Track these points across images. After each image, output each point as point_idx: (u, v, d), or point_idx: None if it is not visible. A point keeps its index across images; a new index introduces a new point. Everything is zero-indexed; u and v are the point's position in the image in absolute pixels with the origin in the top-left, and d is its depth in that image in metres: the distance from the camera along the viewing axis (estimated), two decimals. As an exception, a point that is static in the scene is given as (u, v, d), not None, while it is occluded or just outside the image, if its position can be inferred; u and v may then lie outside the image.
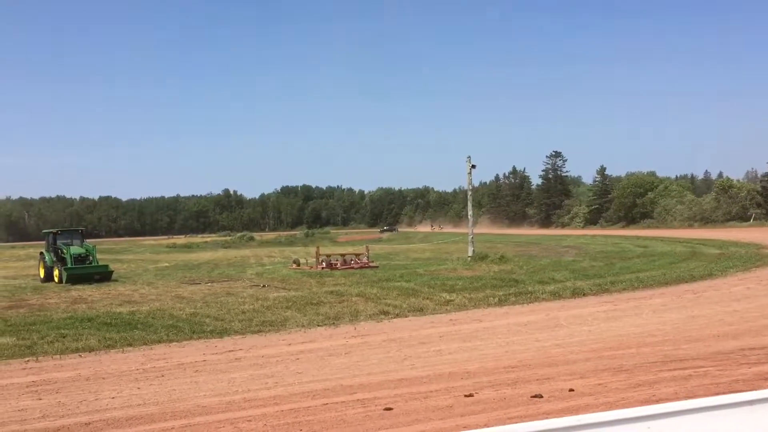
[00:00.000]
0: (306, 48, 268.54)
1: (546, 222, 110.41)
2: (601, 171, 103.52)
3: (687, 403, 2.15)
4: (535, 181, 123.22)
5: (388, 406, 7.74)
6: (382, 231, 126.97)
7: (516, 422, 2.33)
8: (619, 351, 10.65)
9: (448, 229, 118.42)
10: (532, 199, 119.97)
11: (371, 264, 31.65)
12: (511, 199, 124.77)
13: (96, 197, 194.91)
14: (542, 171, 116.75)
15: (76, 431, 7.25)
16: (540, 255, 37.36)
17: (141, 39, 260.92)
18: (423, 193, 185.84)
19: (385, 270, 28.96)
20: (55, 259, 28.63)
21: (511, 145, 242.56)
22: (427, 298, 18.45)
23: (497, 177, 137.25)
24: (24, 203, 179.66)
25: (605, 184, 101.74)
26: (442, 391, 8.35)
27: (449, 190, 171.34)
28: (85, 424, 7.49)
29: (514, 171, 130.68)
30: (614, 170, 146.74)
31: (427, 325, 14.44)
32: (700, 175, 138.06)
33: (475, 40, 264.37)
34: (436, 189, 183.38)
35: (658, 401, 7.35)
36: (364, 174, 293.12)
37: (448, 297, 18.62)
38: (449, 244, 57.62)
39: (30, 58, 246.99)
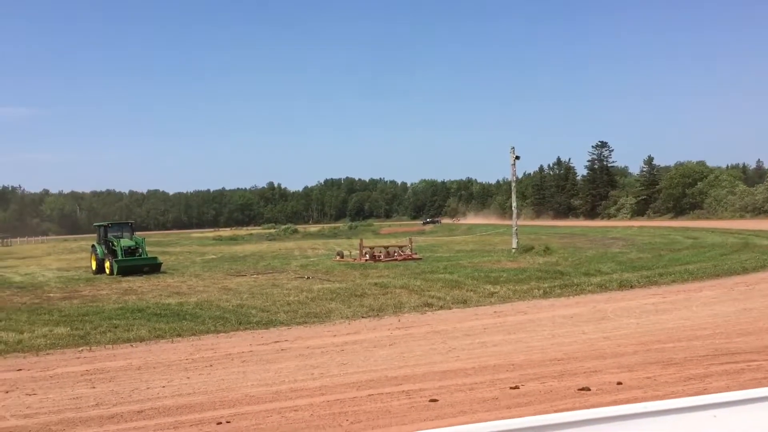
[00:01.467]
0: (347, 41, 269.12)
1: (592, 213, 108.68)
2: (649, 161, 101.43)
3: (753, 392, 2.12)
4: (581, 171, 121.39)
5: (433, 397, 7.75)
6: (425, 223, 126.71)
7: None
8: (668, 344, 10.45)
9: (493, 220, 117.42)
10: (577, 190, 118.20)
11: (414, 256, 31.65)
12: (555, 190, 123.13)
13: (144, 191, 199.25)
14: (587, 161, 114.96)
15: (129, 419, 7.44)
16: (586, 247, 36.83)
17: (183, 35, 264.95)
18: (466, 185, 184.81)
19: (428, 262, 28.94)
20: (106, 251, 29.32)
21: (555, 136, 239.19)
22: (471, 290, 18.39)
23: (541, 168, 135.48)
24: (76, 197, 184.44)
25: (653, 174, 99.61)
26: (487, 383, 8.32)
27: (492, 181, 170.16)
28: (138, 412, 7.69)
29: (559, 162, 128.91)
30: (662, 160, 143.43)
31: (471, 317, 14.41)
32: (753, 165, 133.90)
33: (519, 29, 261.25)
34: (479, 180, 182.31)
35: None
36: (407, 166, 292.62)
37: (492, 289, 18.53)
38: (493, 236, 57.22)
39: (78, 56, 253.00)
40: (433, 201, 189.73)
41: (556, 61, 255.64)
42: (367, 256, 31.06)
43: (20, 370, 10.41)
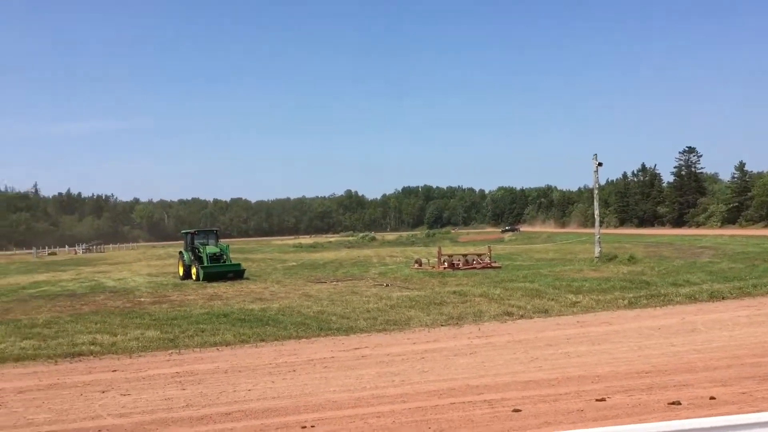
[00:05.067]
0: (431, 45, 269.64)
1: (678, 221, 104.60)
2: (740, 167, 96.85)
3: None
4: (667, 178, 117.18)
5: (516, 407, 7.65)
6: (504, 231, 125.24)
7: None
8: (764, 358, 9.97)
9: (572, 228, 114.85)
10: (663, 197, 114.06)
11: (494, 264, 31.32)
12: (640, 197, 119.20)
13: (228, 199, 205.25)
14: (674, 168, 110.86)
15: (217, 420, 7.67)
16: (673, 256, 35.52)
17: (255, 41, 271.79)
18: (546, 192, 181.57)
19: (507, 270, 28.59)
20: (192, 257, 30.30)
21: (639, 142, 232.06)
22: (553, 300, 18.04)
23: (625, 175, 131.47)
24: (164, 205, 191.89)
25: (745, 180, 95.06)
26: (572, 395, 8.15)
27: (573, 188, 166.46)
28: (225, 414, 7.92)
29: (644, 168, 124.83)
30: (755, 166, 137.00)
31: (552, 327, 14.14)
32: None
33: (601, 27, 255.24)
34: (559, 188, 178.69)
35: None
36: (486, 173, 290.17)
37: (574, 298, 18.13)
38: (574, 245, 55.98)
39: (163, 71, 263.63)
40: (511, 209, 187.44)
41: (640, 63, 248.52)
42: (445, 264, 30.96)
43: (115, 371, 10.89)
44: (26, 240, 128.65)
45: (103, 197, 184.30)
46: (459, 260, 31.86)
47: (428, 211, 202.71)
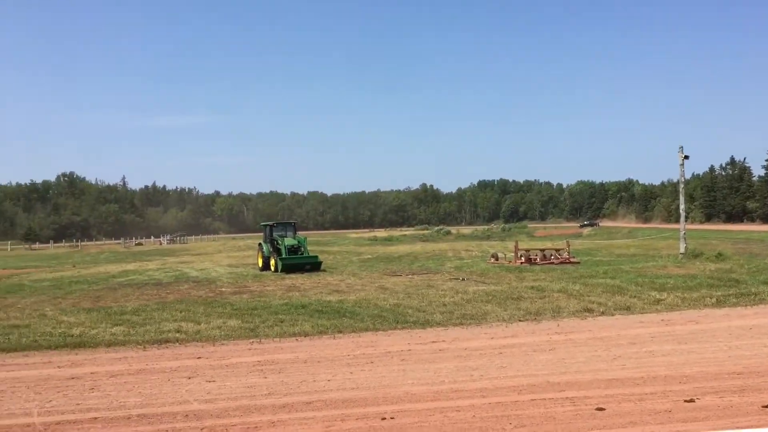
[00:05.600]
0: (511, 38, 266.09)
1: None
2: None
3: None
4: (757, 172, 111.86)
5: (599, 406, 7.47)
6: (582, 226, 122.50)
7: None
8: None
9: (655, 224, 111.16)
10: (753, 191, 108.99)
11: (572, 259, 30.69)
12: (728, 192, 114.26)
13: (305, 192, 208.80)
14: (766, 161, 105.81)
15: (299, 409, 7.81)
16: (764, 253, 33.90)
17: (330, 37, 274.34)
18: (627, 186, 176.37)
19: (587, 266, 27.94)
20: (271, 249, 30.96)
21: (727, 135, 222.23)
22: (635, 297, 17.52)
23: (712, 168, 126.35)
24: (243, 198, 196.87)
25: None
26: (658, 394, 7.89)
27: (656, 182, 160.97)
28: (306, 403, 8.06)
29: (732, 161, 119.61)
30: None
31: (635, 325, 13.73)
32: None
33: (686, 11, 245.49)
34: (641, 181, 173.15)
35: None
36: (563, 167, 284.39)
37: (658, 296, 17.55)
38: (657, 240, 54.18)
39: (246, 67, 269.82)
40: (590, 203, 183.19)
41: (728, 51, 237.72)
42: (522, 258, 30.56)
43: (199, 358, 11.25)
44: (115, 230, 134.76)
45: (186, 190, 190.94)
46: (536, 255, 31.39)
47: (504, 205, 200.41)
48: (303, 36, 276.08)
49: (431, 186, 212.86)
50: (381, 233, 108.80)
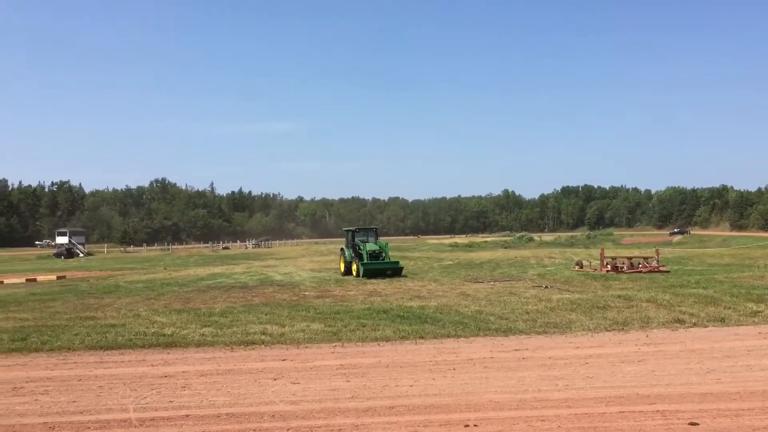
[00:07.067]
0: (595, 36, 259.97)
1: None
2: None
3: None
4: None
5: (692, 420, 7.18)
6: (672, 233, 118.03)
7: None
8: None
9: (752, 232, 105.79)
10: None
11: (661, 268, 29.61)
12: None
13: (386, 198, 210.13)
14: None
15: (381, 413, 7.87)
16: None
17: (418, 46, 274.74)
18: (720, 192, 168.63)
19: (677, 275, 26.91)
20: (353, 254, 31.30)
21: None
22: (730, 308, 16.73)
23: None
24: (325, 203, 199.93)
25: None
26: (756, 411, 7.52)
27: (752, 188, 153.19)
28: (389, 407, 8.10)
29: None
30: None
31: (731, 337, 13.10)
32: None
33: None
34: (735, 188, 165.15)
35: None
36: (652, 172, 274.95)
37: (755, 307, 16.71)
38: (753, 249, 51.64)
39: (325, 78, 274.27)
40: (681, 210, 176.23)
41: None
42: (608, 266, 29.73)
43: (284, 360, 11.49)
44: (203, 234, 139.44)
45: (271, 195, 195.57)
46: (623, 263, 30.45)
47: (589, 211, 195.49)
48: (384, 46, 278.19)
49: (513, 192, 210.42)
50: (461, 239, 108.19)
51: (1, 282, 32.80)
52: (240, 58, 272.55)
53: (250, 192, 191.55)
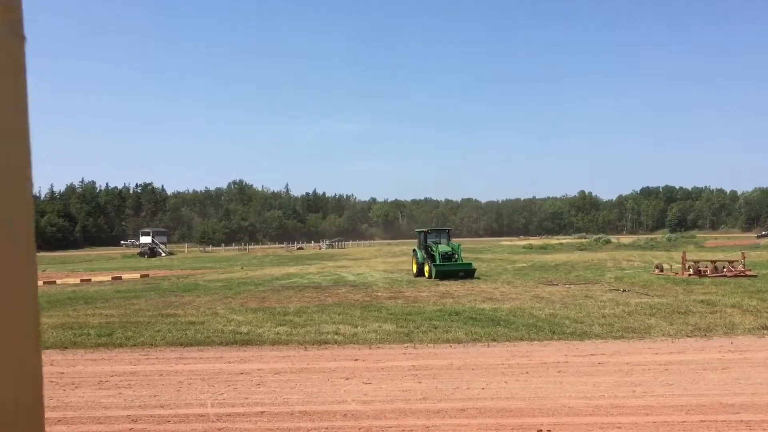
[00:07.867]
0: (681, 31, 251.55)
1: None
2: None
3: None
4: None
5: (779, 432, 6.86)
6: (760, 236, 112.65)
7: None
8: None
9: None
10: None
11: (748, 272, 28.32)
12: None
13: (459, 199, 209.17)
14: None
15: (453, 415, 7.83)
16: None
17: (479, 50, 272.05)
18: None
19: (765, 280, 25.69)
20: (425, 256, 31.26)
21: None
22: (824, 315, 15.86)
23: None
24: (398, 205, 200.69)
25: None
26: None
27: None
28: (460, 410, 8.06)
29: None
30: None
31: (825, 346, 12.42)
32: None
33: None
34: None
35: None
36: (738, 172, 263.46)
37: None
38: None
39: (396, 80, 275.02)
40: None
41: None
42: (690, 270, 28.64)
43: (356, 360, 11.59)
44: (278, 235, 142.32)
45: (344, 197, 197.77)
46: (706, 267, 29.28)
47: (670, 213, 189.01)
48: (456, 49, 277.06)
49: (590, 193, 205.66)
50: (535, 241, 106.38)
51: (90, 280, 34.43)
52: (318, 62, 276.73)
53: (324, 193, 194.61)
